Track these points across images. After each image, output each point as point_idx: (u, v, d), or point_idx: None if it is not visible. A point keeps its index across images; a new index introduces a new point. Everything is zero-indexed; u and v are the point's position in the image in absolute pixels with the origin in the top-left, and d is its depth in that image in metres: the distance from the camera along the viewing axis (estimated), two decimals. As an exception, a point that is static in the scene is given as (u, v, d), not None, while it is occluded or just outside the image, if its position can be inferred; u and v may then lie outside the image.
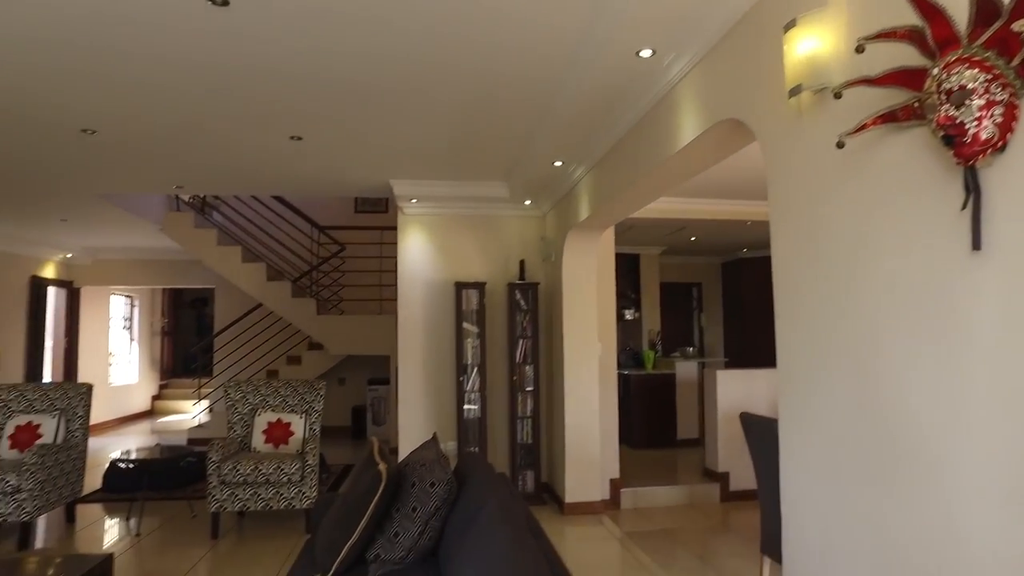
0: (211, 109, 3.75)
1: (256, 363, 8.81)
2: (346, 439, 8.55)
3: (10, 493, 4.15)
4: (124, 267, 9.87)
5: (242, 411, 4.96)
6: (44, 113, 3.78)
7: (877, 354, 1.70)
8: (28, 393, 4.80)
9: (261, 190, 6.18)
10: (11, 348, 8.26)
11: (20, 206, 6.45)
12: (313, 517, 3.06)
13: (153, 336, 12.40)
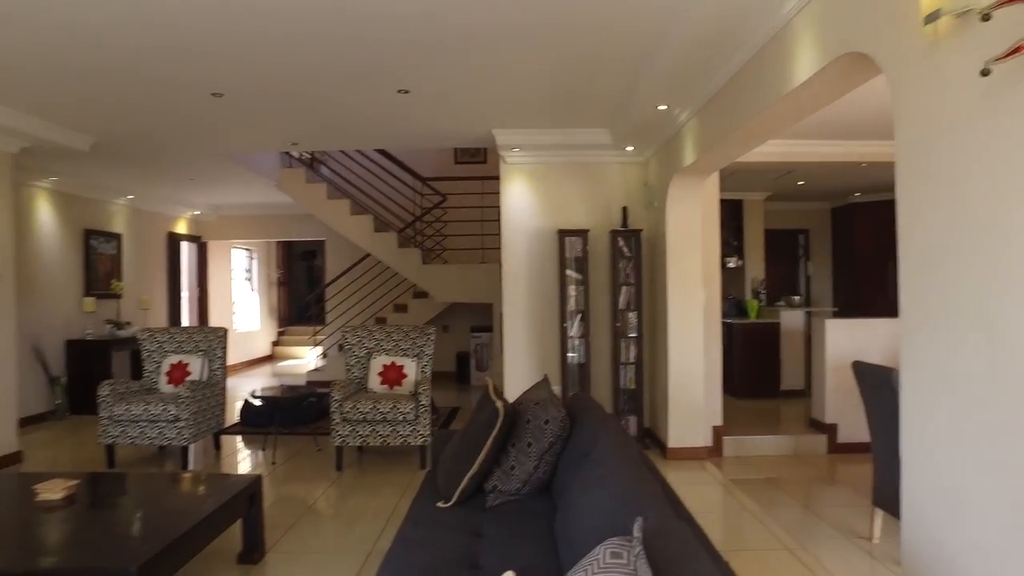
0: (323, 69, 3.94)
1: (365, 311, 9.31)
2: (451, 384, 8.94)
3: (171, 421, 4.71)
4: (244, 222, 10.59)
5: (359, 354, 5.31)
6: (180, 78, 4.10)
7: (1017, 304, 1.64)
8: (177, 336, 5.35)
9: (368, 144, 6.42)
10: (156, 297, 9.14)
11: (157, 168, 7.04)
12: (433, 451, 3.29)
13: (270, 286, 13.29)
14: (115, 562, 2.21)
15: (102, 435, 4.82)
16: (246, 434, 6.04)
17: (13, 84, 4.18)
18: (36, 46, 3.53)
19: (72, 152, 5.61)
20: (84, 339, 7.21)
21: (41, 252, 6.96)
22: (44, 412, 6.78)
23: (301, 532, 3.65)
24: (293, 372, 10.51)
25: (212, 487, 3.07)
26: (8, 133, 4.93)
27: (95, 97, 4.46)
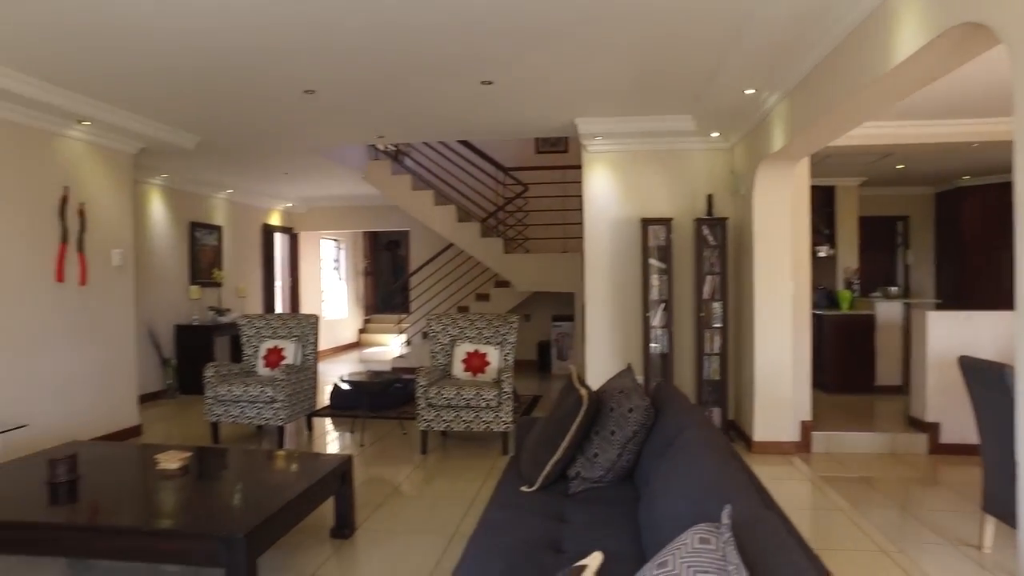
0: (409, 63, 4.04)
1: (448, 300, 9.51)
2: (532, 372, 9.01)
3: (268, 402, 5.00)
4: (333, 213, 11.01)
5: (443, 342, 5.45)
6: (274, 79, 4.31)
7: None
8: (273, 322, 5.66)
9: (452, 135, 6.54)
10: (252, 285, 9.67)
11: (254, 163, 7.43)
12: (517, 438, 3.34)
13: (357, 276, 13.77)
14: (225, 528, 2.39)
15: (207, 413, 5.17)
16: (335, 416, 6.31)
17: (135, 91, 4.52)
18: (153, 56, 3.79)
19: (180, 150, 6.01)
20: (191, 324, 7.73)
21: (154, 244, 7.50)
22: (157, 391, 7.32)
23: (388, 511, 3.80)
24: (378, 359, 10.87)
25: (308, 465, 3.25)
26: (130, 135, 5.35)
27: (201, 99, 4.75)
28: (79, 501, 2.76)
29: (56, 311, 4.88)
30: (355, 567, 3.09)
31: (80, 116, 4.77)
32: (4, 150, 4.48)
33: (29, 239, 4.67)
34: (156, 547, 2.43)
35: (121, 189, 5.56)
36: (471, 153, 8.66)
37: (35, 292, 4.71)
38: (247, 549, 2.33)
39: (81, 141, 5.12)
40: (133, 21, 3.35)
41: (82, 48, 3.71)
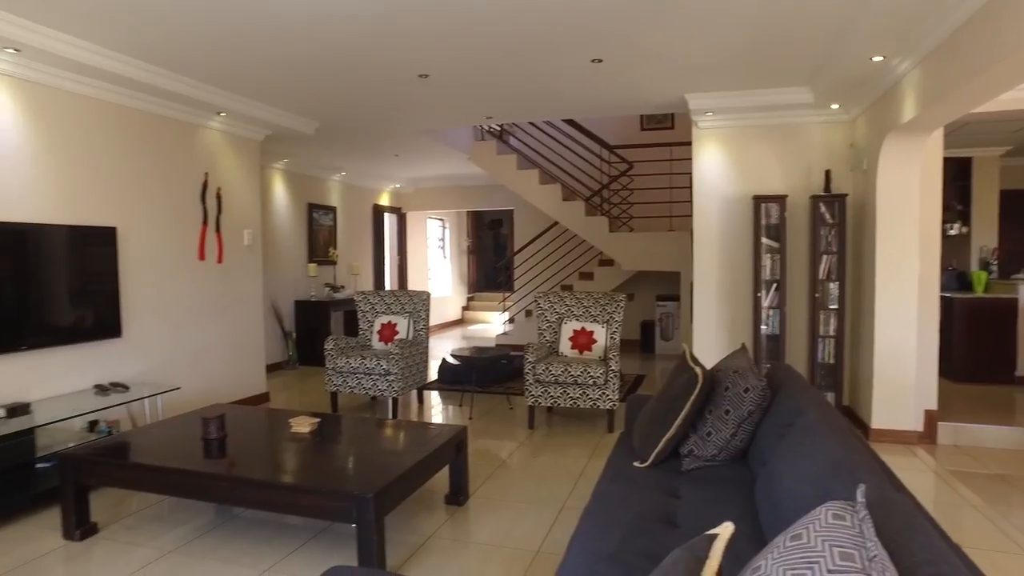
0: (521, 43, 4.09)
1: (551, 279, 9.60)
2: (635, 352, 8.96)
3: (383, 375, 5.28)
4: (438, 193, 11.33)
5: (550, 319, 5.53)
6: (390, 65, 4.49)
7: None
8: (387, 298, 5.95)
9: (559, 114, 6.55)
10: (364, 264, 10.16)
11: (368, 146, 7.76)
12: (627, 414, 3.37)
13: (461, 254, 14.12)
14: (356, 488, 2.58)
15: (327, 383, 5.53)
16: (443, 390, 6.57)
17: (262, 82, 4.84)
18: (280, 46, 4.05)
19: (301, 136, 6.38)
20: (309, 300, 8.24)
21: (276, 224, 8.02)
22: (280, 362, 7.88)
23: (498, 482, 3.94)
24: (481, 335, 11.14)
25: (426, 434, 3.43)
26: (258, 124, 5.75)
27: (321, 87, 5.02)
28: (227, 456, 3.07)
29: (198, 287, 5.36)
30: (469, 532, 3.24)
31: (218, 108, 5.17)
32: (158, 142, 4.95)
33: (178, 222, 5.14)
34: (296, 501, 2.67)
35: (250, 174, 5.99)
36: (576, 131, 8.64)
37: (182, 269, 5.19)
38: (376, 508, 2.51)
39: (218, 131, 5.56)
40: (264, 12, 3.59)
41: (219, 44, 4.02)
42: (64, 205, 4.27)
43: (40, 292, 4.05)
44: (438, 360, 7.16)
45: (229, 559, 2.95)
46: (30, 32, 3.65)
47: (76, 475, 3.10)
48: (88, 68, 4.10)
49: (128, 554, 3.03)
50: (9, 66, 3.89)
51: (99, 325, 4.44)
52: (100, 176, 4.52)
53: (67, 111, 4.29)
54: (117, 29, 3.75)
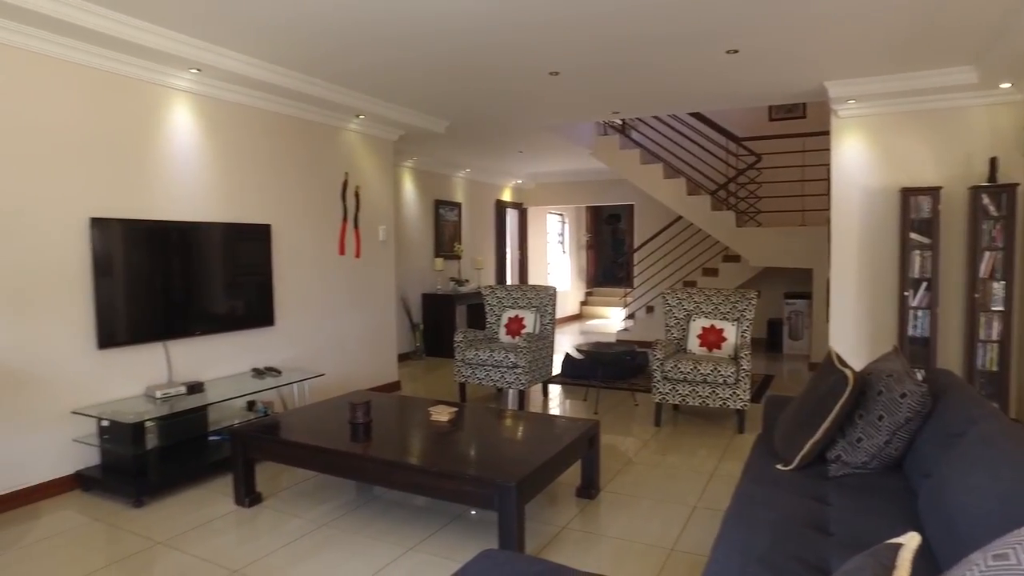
0: (653, 39, 4.05)
1: (673, 275, 9.41)
2: (761, 351, 8.62)
3: (511, 367, 5.42)
4: (558, 189, 11.40)
5: (678, 316, 5.45)
6: (521, 63, 4.58)
7: None
8: (514, 292, 6.08)
9: (688, 107, 6.41)
10: (486, 258, 10.42)
11: (493, 143, 7.95)
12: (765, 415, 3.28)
13: (579, 249, 14.13)
14: (499, 475, 2.69)
15: (456, 374, 5.74)
16: (566, 384, 6.63)
17: (397, 84, 5.09)
18: (414, 51, 4.25)
19: (431, 135, 6.65)
20: (435, 293, 8.58)
21: (406, 220, 8.41)
22: (407, 352, 8.26)
23: (627, 478, 3.94)
24: (600, 331, 11.11)
25: (561, 427, 3.50)
26: (392, 124, 6.05)
27: (452, 87, 5.20)
28: (375, 439, 3.28)
29: (338, 280, 5.74)
30: (601, 526, 3.28)
31: (357, 110, 5.50)
32: (305, 144, 5.34)
33: (321, 219, 5.53)
34: (439, 485, 2.81)
35: (384, 172, 6.31)
36: (701, 124, 8.41)
37: (325, 264, 5.58)
38: (518, 496, 2.61)
39: (356, 133, 5.91)
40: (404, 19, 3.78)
41: (361, 52, 4.27)
42: (228, 205, 4.71)
43: (209, 284, 4.51)
44: (562, 354, 7.23)
45: (376, 536, 3.16)
46: (208, 52, 4.05)
47: (245, 449, 3.43)
48: (250, 80, 4.49)
49: (288, 523, 3.31)
50: (191, 84, 4.36)
51: (256, 314, 4.87)
52: (257, 178, 4.94)
53: (232, 120, 4.73)
54: (275, 45, 4.09)
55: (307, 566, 2.87)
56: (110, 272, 3.90)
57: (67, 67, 3.74)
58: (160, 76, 4.18)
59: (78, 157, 3.80)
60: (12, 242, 3.51)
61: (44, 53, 3.60)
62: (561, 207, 12.91)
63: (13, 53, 3.50)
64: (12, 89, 3.50)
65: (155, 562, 2.93)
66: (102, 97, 3.92)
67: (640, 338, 9.02)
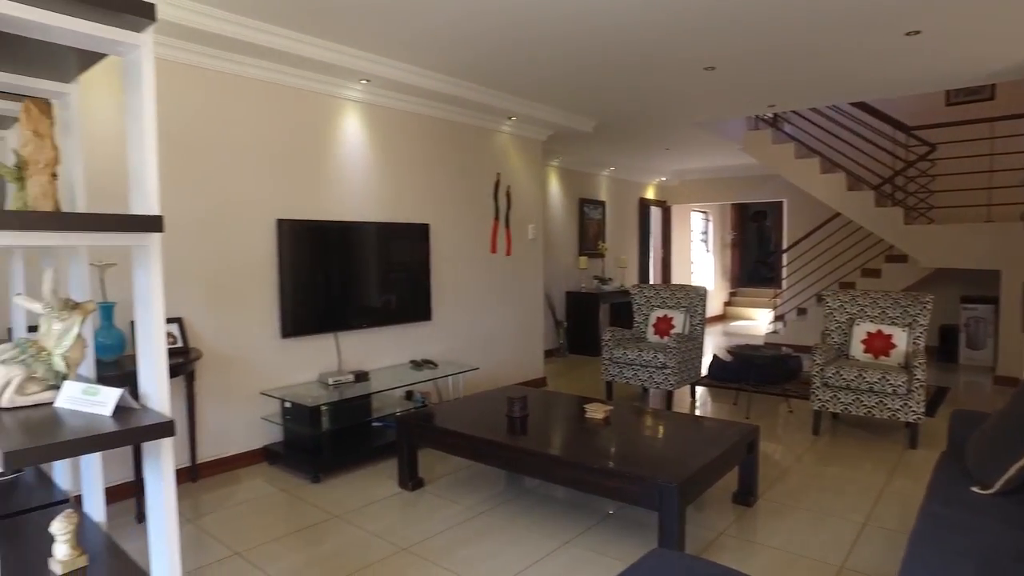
0: (822, 27, 3.83)
1: (828, 276, 8.83)
2: (931, 360, 7.87)
3: (659, 368, 5.35)
4: (703, 186, 11.06)
5: (839, 319, 5.11)
6: (675, 59, 4.50)
7: None
8: (662, 292, 6.00)
9: (853, 96, 5.98)
10: (629, 257, 10.34)
11: (639, 141, 7.86)
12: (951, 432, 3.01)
13: (724, 248, 13.62)
14: (662, 475, 2.68)
15: (604, 373, 5.75)
16: (713, 387, 6.43)
17: (547, 85, 5.18)
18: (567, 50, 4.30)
19: (578, 134, 6.70)
20: (579, 291, 8.62)
21: (551, 219, 8.52)
22: (551, 349, 8.38)
23: (786, 487, 3.77)
24: (746, 332, 10.65)
25: (719, 430, 3.41)
26: (541, 125, 6.17)
27: (602, 86, 5.21)
28: (532, 433, 3.38)
29: (490, 277, 5.94)
30: (760, 535, 3.16)
31: (509, 112, 5.65)
32: (458, 146, 5.58)
33: (473, 218, 5.75)
34: (600, 482, 2.85)
35: (533, 172, 6.44)
36: (865, 114, 7.81)
37: (477, 261, 5.80)
38: (680, 497, 2.58)
39: (507, 134, 6.08)
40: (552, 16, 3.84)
41: (513, 55, 4.39)
42: (390, 206, 5.03)
43: (374, 281, 4.84)
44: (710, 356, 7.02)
45: (531, 527, 3.25)
46: (376, 64, 4.36)
47: (411, 436, 3.66)
48: (412, 87, 4.76)
49: (447, 508, 3.50)
50: (360, 94, 4.70)
51: (415, 310, 5.16)
52: (416, 179, 5.23)
53: (394, 126, 5.04)
54: (436, 53, 4.30)
55: (469, 550, 3.02)
56: (291, 268, 4.30)
57: (258, 85, 4.17)
58: (335, 88, 4.55)
59: (267, 164, 4.23)
60: (216, 242, 3.97)
61: (240, 74, 4.05)
62: (705, 205, 12.51)
63: (217, 76, 3.96)
64: (217, 107, 3.96)
65: (333, 533, 3.21)
66: (286, 110, 4.33)
67: (791, 341, 8.54)
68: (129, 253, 3.53)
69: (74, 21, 1.29)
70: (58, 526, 1.62)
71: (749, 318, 12.58)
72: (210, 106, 3.94)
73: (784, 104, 6.14)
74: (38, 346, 1.56)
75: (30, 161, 1.43)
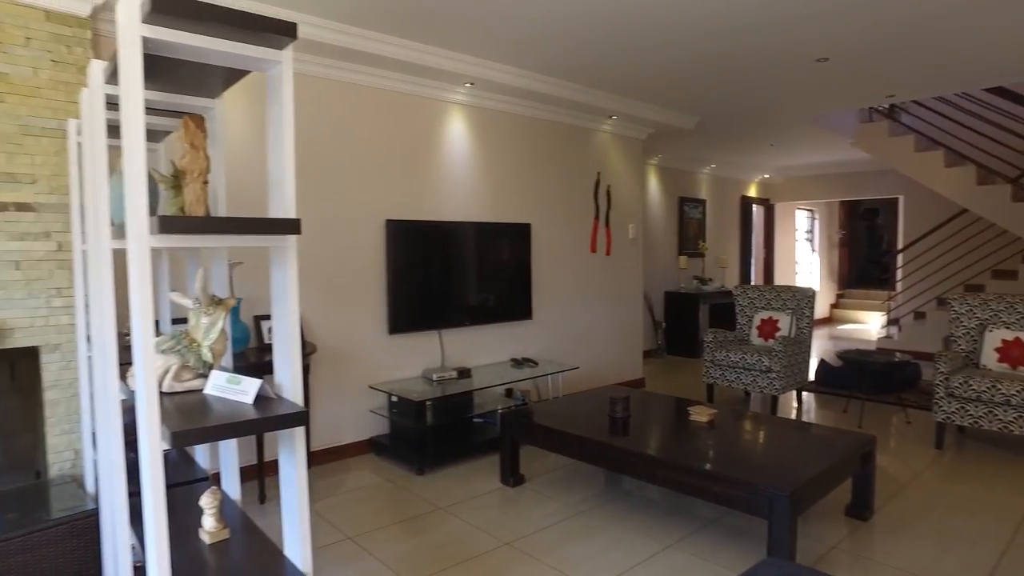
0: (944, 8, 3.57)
1: (951, 277, 8.21)
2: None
3: (764, 371, 5.17)
4: (809, 182, 10.55)
5: (967, 325, 4.75)
6: (784, 51, 4.32)
7: None
8: (767, 293, 5.78)
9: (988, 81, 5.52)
10: (730, 256, 10.03)
11: (743, 137, 7.61)
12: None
13: (831, 248, 12.93)
14: (772, 483, 2.59)
15: (704, 375, 5.62)
16: (820, 393, 6.13)
17: (650, 83, 5.11)
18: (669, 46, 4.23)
19: (680, 132, 6.57)
20: (678, 291, 8.45)
21: (650, 218, 8.40)
22: (648, 350, 8.26)
23: (905, 503, 3.55)
24: (855, 337, 10.08)
25: (831, 439, 3.26)
26: (642, 123, 6.10)
27: (706, 82, 5.08)
28: (633, 433, 3.36)
29: (589, 277, 5.94)
30: (878, 552, 3.00)
31: (610, 111, 5.62)
32: (560, 147, 5.61)
33: (573, 218, 5.77)
34: (706, 487, 2.80)
35: (633, 171, 6.38)
36: (1002, 100, 7.19)
37: (576, 261, 5.81)
38: (791, 507, 2.50)
39: (608, 133, 6.05)
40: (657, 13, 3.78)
41: (615, 53, 4.36)
42: (493, 206, 5.12)
43: (476, 279, 4.94)
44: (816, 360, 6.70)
45: (632, 529, 3.23)
46: (480, 67, 4.46)
47: (513, 433, 3.73)
48: (514, 89, 4.83)
49: (547, 505, 3.53)
50: (465, 97, 4.83)
51: (515, 308, 5.23)
52: (518, 179, 5.30)
53: (496, 127, 5.13)
54: (539, 55, 4.34)
55: (571, 549, 3.04)
56: (398, 267, 4.47)
57: (370, 92, 4.36)
58: (441, 92, 4.68)
59: (378, 166, 4.42)
60: (331, 243, 4.19)
61: (354, 82, 4.25)
62: (811, 202, 11.92)
63: (332, 85, 4.18)
64: (332, 114, 4.18)
65: (438, 524, 3.32)
66: (396, 114, 4.50)
67: (906, 347, 8.01)
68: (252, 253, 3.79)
69: (229, 44, 1.41)
70: (206, 500, 1.78)
71: (858, 321, 11.89)
72: (325, 113, 4.16)
73: (905, 94, 5.77)
74: (190, 338, 1.71)
75: (187, 171, 1.58)
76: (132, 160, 1.32)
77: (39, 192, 2.86)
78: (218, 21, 1.33)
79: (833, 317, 12.60)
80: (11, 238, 2.79)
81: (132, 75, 1.30)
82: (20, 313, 2.83)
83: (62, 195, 2.92)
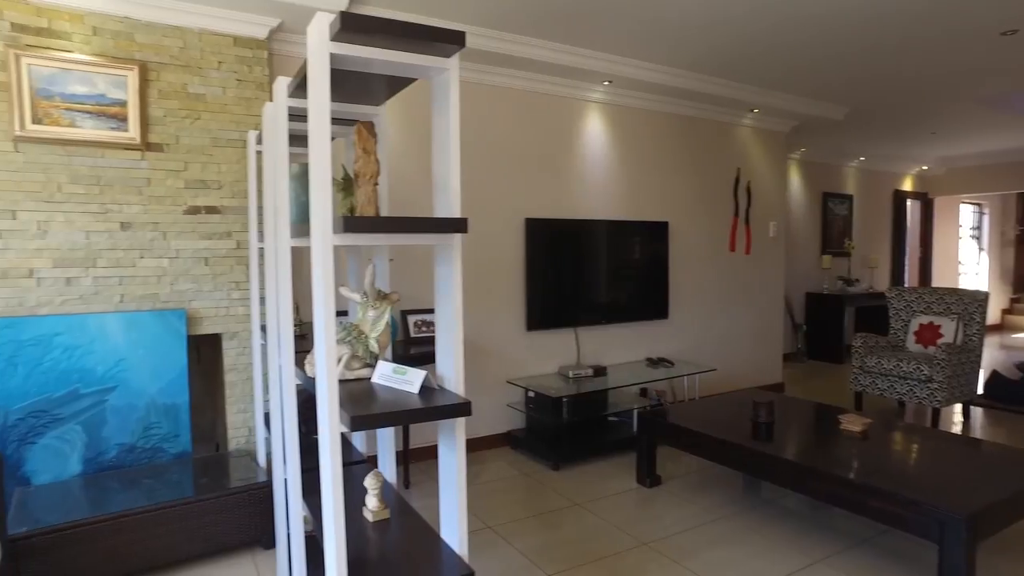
0: None
1: None
2: None
3: (923, 381, 4.76)
4: (977, 174, 9.55)
5: None
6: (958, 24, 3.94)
7: None
8: (926, 296, 5.31)
9: None
10: (880, 256, 9.30)
11: (899, 126, 7.02)
12: None
13: (1004, 246, 11.63)
14: (943, 503, 2.38)
15: (853, 382, 5.25)
16: (991, 408, 5.54)
17: (795, 74, 4.85)
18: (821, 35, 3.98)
19: (827, 123, 6.17)
20: (821, 292, 7.95)
21: (791, 215, 7.97)
22: (788, 353, 7.84)
23: (1103, 534, 3.14)
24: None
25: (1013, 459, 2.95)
26: (786, 116, 5.80)
27: (861, 69, 4.73)
28: (776, 439, 3.21)
29: (727, 276, 5.73)
30: (1069, 586, 2.68)
31: (751, 104, 5.39)
32: (697, 142, 5.47)
33: (712, 215, 5.60)
34: (863, 501, 2.62)
35: (775, 166, 6.08)
36: None
37: (715, 260, 5.63)
38: (968, 533, 2.28)
39: (748, 127, 5.81)
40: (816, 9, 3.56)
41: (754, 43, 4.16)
42: (630, 203, 5.08)
43: (612, 277, 4.93)
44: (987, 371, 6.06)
45: (774, 540, 3.09)
46: (617, 64, 4.43)
47: (651, 433, 3.68)
48: (651, 85, 4.76)
49: (685, 508, 3.46)
50: (602, 95, 4.82)
51: (652, 307, 5.16)
52: (655, 176, 5.22)
53: (633, 124, 5.08)
54: (677, 49, 4.25)
55: (711, 554, 2.96)
56: (537, 264, 4.55)
57: (512, 93, 4.47)
58: (579, 91, 4.71)
59: (518, 166, 4.52)
60: (474, 239, 4.34)
61: (497, 84, 4.37)
62: (980, 195, 10.77)
63: (477, 88, 4.32)
64: (477, 116, 4.33)
65: (574, 519, 3.35)
66: (536, 114, 4.58)
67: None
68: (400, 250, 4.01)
69: (405, 55, 1.51)
70: (370, 481, 1.91)
71: (1037, 329, 10.62)
72: (469, 115, 4.31)
73: (1104, 72, 5.07)
74: (359, 329, 1.85)
75: (360, 174, 1.70)
76: (318, 165, 1.44)
77: (224, 196, 3.20)
78: (395, 35, 1.43)
79: (1005, 324, 11.34)
80: (202, 237, 3.15)
81: (321, 88, 1.42)
82: (208, 304, 3.19)
83: (241, 199, 3.24)
